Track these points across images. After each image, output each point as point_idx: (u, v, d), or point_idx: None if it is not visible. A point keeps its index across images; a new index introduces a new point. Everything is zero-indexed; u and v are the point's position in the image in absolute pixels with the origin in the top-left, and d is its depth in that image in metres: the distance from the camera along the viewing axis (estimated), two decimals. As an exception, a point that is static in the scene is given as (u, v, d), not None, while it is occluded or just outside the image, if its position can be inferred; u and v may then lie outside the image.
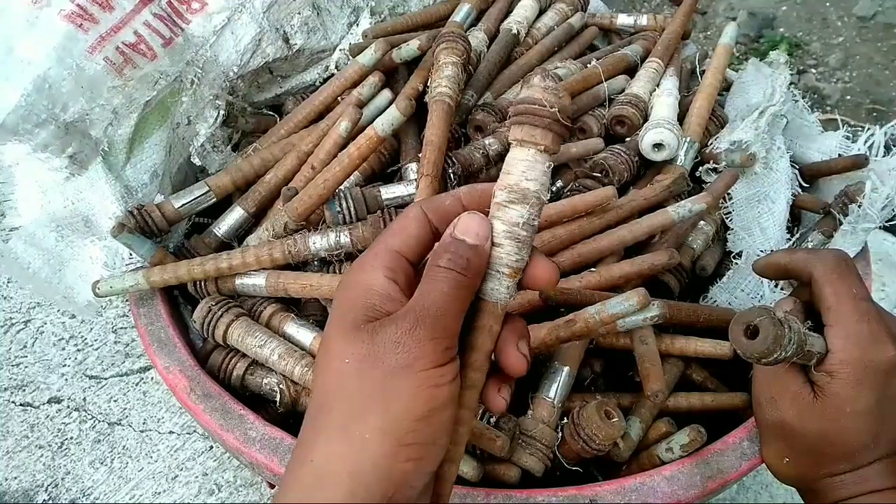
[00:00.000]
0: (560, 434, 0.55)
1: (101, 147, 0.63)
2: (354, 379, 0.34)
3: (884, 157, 0.74)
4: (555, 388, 0.57)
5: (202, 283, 0.65)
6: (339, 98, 0.75)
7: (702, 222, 0.70)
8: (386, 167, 0.73)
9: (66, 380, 0.90)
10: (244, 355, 0.62)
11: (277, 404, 0.60)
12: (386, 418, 0.34)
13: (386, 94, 0.74)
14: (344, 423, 0.34)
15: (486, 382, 0.38)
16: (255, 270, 0.64)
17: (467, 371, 0.37)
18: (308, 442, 0.35)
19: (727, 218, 0.71)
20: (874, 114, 1.97)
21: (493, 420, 0.53)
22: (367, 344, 0.34)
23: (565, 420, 0.56)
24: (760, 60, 0.82)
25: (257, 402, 0.61)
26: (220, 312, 0.61)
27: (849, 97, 2.07)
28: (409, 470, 0.34)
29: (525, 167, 0.36)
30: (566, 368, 0.57)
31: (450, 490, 0.38)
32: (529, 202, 0.36)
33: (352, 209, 0.64)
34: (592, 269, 0.62)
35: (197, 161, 0.74)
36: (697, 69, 0.84)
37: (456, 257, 0.36)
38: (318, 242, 0.63)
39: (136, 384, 0.90)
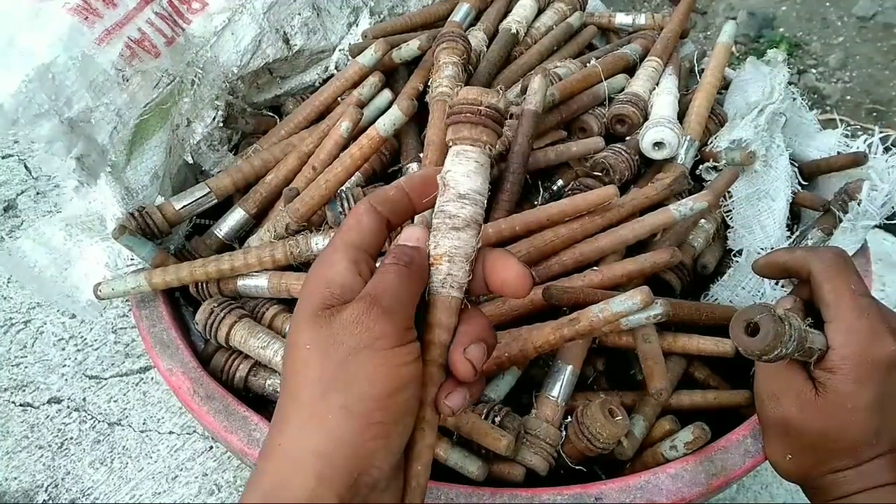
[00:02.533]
0: (564, 433, 0.56)
1: (108, 156, 0.63)
2: (316, 362, 0.35)
3: (883, 154, 0.74)
4: (558, 387, 0.57)
5: (204, 285, 0.65)
6: (339, 98, 0.75)
7: (702, 220, 0.70)
8: (387, 167, 0.73)
9: (66, 380, 0.90)
10: (247, 357, 0.62)
11: (281, 405, 0.60)
12: (349, 397, 0.34)
13: (386, 94, 0.73)
14: (309, 406, 0.35)
15: (441, 385, 0.38)
16: (257, 271, 0.64)
17: (426, 367, 0.38)
18: (277, 428, 0.36)
19: (727, 216, 0.71)
20: (874, 114, 1.97)
21: (497, 420, 0.53)
22: (326, 328, 0.35)
23: (569, 419, 0.56)
24: (759, 59, 0.82)
25: (260, 404, 0.61)
26: (222, 314, 0.61)
27: (849, 97, 2.07)
28: (375, 449, 0.35)
29: (454, 163, 0.40)
30: (570, 367, 0.58)
31: (423, 484, 0.38)
32: (468, 199, 0.39)
33: (353, 209, 0.64)
34: (595, 268, 0.62)
35: (190, 159, 0.73)
36: (696, 68, 0.85)
37: (400, 254, 0.38)
38: (321, 243, 0.63)
39: (136, 384, 0.90)
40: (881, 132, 0.75)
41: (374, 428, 0.34)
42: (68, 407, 0.88)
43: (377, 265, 0.40)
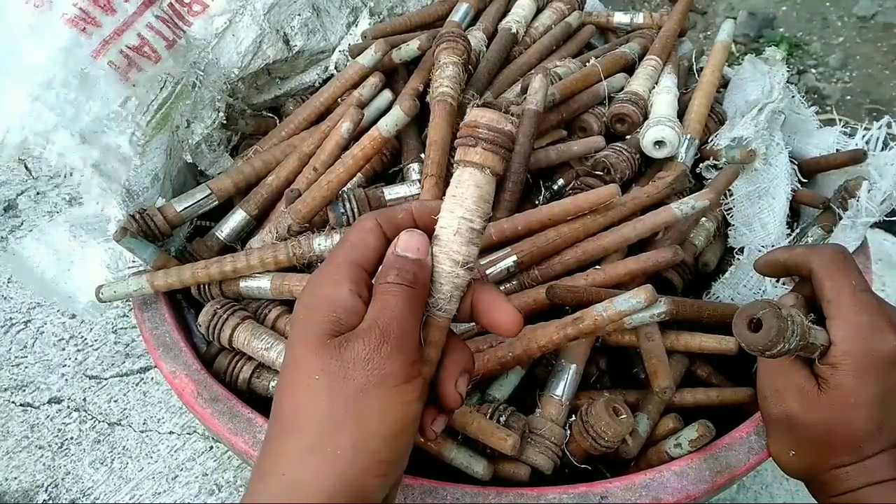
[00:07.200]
0: (569, 432, 0.56)
1: (132, 162, 0.62)
2: (325, 396, 0.35)
3: (882, 151, 0.74)
4: (562, 386, 0.57)
5: (206, 287, 0.65)
6: (339, 99, 0.75)
7: (703, 219, 0.70)
8: (388, 168, 0.73)
9: (66, 380, 0.90)
10: (250, 358, 0.62)
11: (284, 405, 0.59)
12: (358, 436, 0.34)
13: (386, 94, 0.74)
14: (316, 439, 0.35)
15: (424, 410, 0.39)
16: (259, 273, 0.64)
17: None
18: (277, 456, 0.36)
19: (728, 214, 0.71)
20: (874, 114, 1.98)
21: (502, 419, 0.53)
22: (336, 360, 0.35)
23: (573, 418, 0.56)
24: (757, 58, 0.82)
25: (263, 405, 0.61)
26: (225, 316, 0.61)
27: (849, 97, 2.07)
28: (377, 485, 0.35)
29: (456, 183, 0.38)
30: (573, 366, 0.58)
31: None
32: (464, 216, 0.38)
33: (355, 210, 0.64)
34: (597, 267, 0.62)
35: (189, 159, 0.73)
36: (695, 67, 0.85)
37: (403, 272, 0.37)
38: (323, 244, 0.63)
39: (136, 384, 0.90)
40: (880, 127, 0.75)
41: (380, 466, 0.35)
42: (68, 407, 0.88)
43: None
